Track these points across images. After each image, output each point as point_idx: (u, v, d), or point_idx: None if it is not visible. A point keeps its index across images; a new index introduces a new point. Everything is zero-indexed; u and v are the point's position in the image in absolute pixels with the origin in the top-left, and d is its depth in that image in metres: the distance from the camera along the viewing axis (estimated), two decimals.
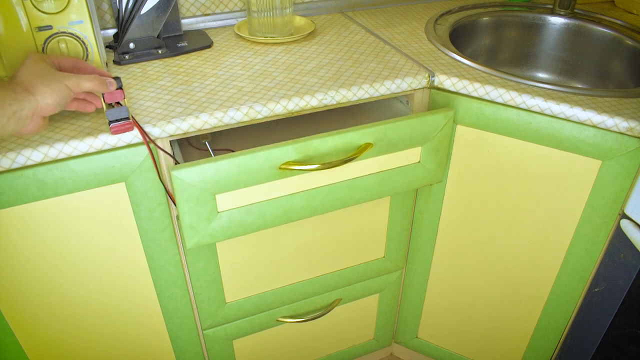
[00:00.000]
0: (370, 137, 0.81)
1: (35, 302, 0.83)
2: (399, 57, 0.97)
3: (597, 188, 0.85)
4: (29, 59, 0.65)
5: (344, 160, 0.79)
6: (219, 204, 0.77)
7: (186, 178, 0.72)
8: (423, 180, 0.91)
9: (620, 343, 0.90)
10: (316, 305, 1.10)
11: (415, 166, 0.88)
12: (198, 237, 0.78)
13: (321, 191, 0.83)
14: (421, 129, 0.84)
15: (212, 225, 0.78)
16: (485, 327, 1.14)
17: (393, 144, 0.83)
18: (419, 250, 1.11)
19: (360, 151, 0.80)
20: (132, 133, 0.74)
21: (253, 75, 0.90)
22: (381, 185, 0.87)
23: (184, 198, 0.73)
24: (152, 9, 0.95)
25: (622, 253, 0.84)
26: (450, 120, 0.86)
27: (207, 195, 0.74)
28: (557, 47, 1.21)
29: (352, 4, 1.25)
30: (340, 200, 0.85)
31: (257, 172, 0.76)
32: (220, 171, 0.73)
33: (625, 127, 0.78)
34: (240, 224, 0.80)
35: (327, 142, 0.78)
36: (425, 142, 0.86)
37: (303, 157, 0.77)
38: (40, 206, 0.75)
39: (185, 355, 1.03)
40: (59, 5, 0.77)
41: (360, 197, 0.87)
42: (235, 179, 0.74)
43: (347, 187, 0.84)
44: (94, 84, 0.68)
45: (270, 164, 0.76)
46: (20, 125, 0.61)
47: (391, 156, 0.85)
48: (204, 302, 0.97)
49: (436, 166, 0.90)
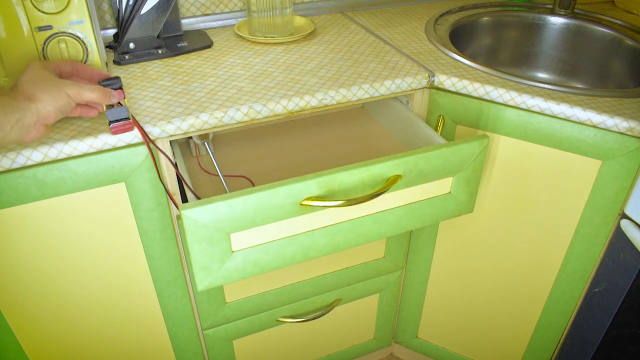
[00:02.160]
0: (400, 168, 0.74)
1: (35, 302, 0.83)
2: (399, 57, 0.97)
3: (597, 188, 0.85)
4: (29, 67, 0.65)
5: (371, 196, 0.72)
6: (233, 243, 0.70)
7: (198, 218, 0.65)
8: (453, 212, 0.84)
9: (620, 343, 0.90)
10: (316, 305, 1.10)
11: (446, 197, 0.82)
12: (210, 279, 0.72)
13: (345, 226, 0.76)
14: (454, 159, 0.77)
15: (226, 266, 0.72)
16: (485, 327, 1.14)
17: (424, 175, 0.77)
18: (419, 250, 1.11)
19: (389, 184, 0.73)
20: (132, 133, 0.74)
21: (253, 75, 0.90)
22: (409, 219, 0.81)
23: (195, 239, 0.67)
24: (152, 9, 0.95)
25: (622, 253, 0.84)
26: (485, 148, 0.79)
27: (220, 234, 0.68)
28: (557, 47, 1.21)
29: (352, 4, 1.25)
30: (365, 235, 0.79)
31: (276, 209, 0.69)
32: (235, 209, 0.66)
33: (625, 127, 0.78)
34: (256, 263, 0.74)
35: (352, 176, 0.71)
36: (458, 172, 0.80)
37: (326, 192, 0.71)
38: (40, 206, 0.75)
39: (185, 355, 1.03)
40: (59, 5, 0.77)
41: (386, 231, 0.80)
42: (252, 217, 0.68)
43: (373, 221, 0.78)
44: (96, 95, 0.67)
45: (290, 200, 0.69)
46: (23, 133, 0.62)
47: (421, 187, 0.79)
48: (204, 302, 0.97)
49: (468, 197, 0.84)
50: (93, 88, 0.67)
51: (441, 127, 0.94)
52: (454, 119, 0.92)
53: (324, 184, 0.70)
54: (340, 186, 0.71)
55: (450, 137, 0.94)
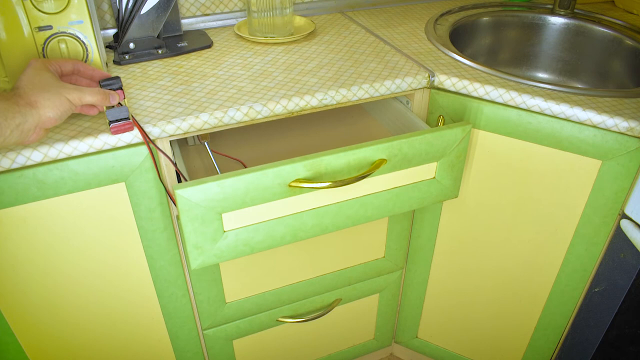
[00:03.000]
0: (385, 152, 0.77)
1: (35, 302, 0.83)
2: (399, 57, 0.97)
3: (597, 188, 0.85)
4: (30, 67, 0.65)
5: (357, 178, 0.75)
6: (225, 223, 0.73)
7: (191, 197, 0.68)
8: (438, 197, 0.87)
9: (620, 343, 0.90)
10: (316, 305, 1.10)
11: (430, 182, 0.85)
12: (203, 258, 0.75)
13: (332, 209, 0.79)
14: (438, 144, 0.80)
15: (218, 245, 0.75)
16: (485, 327, 1.14)
17: (408, 160, 0.80)
18: (419, 250, 1.11)
19: (374, 168, 0.76)
20: (132, 133, 0.74)
21: (253, 75, 0.90)
22: (395, 202, 0.84)
23: (188, 218, 0.70)
24: (152, 9, 0.95)
25: (622, 253, 0.84)
26: (468, 134, 0.82)
27: (212, 214, 0.71)
28: (557, 47, 1.21)
29: (352, 4, 1.25)
30: (352, 218, 0.82)
31: (266, 190, 0.72)
32: (226, 189, 0.70)
33: (625, 127, 0.78)
34: (247, 243, 0.77)
35: (339, 159, 0.74)
36: (442, 157, 0.83)
37: (314, 174, 0.74)
38: (40, 206, 0.75)
39: (185, 355, 1.03)
40: (59, 5, 0.77)
41: (373, 215, 0.83)
42: (242, 197, 0.71)
43: (360, 204, 0.81)
44: (96, 98, 0.68)
45: (279, 182, 0.72)
46: (23, 136, 0.62)
47: (406, 172, 0.82)
48: (204, 302, 0.97)
49: (452, 182, 0.87)
50: (93, 91, 0.68)
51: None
52: (454, 119, 0.92)
53: (311, 167, 0.73)
54: (327, 169, 0.74)
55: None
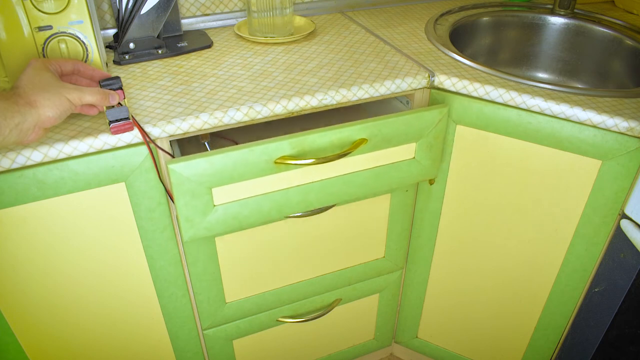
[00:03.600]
0: (365, 132, 0.82)
1: (35, 302, 0.83)
2: (399, 57, 0.97)
3: (597, 188, 0.85)
4: (30, 67, 0.65)
5: (339, 155, 0.80)
6: (215, 197, 0.78)
7: (183, 171, 0.73)
8: (418, 176, 0.92)
9: (620, 343, 0.90)
10: (316, 305, 1.10)
11: (410, 162, 0.89)
12: (194, 230, 0.79)
13: (316, 186, 0.84)
14: (416, 125, 0.85)
15: (209, 219, 0.79)
16: (485, 327, 1.14)
17: (388, 140, 0.84)
18: (419, 250, 1.11)
19: (355, 146, 0.81)
20: (132, 133, 0.74)
21: (253, 75, 0.90)
22: (376, 181, 0.88)
23: (180, 191, 0.75)
24: (152, 9, 0.95)
25: (622, 253, 0.84)
26: (445, 116, 0.86)
27: (203, 188, 0.76)
28: (557, 47, 1.21)
29: (352, 4, 1.25)
30: (336, 195, 0.86)
31: (253, 166, 0.77)
32: (215, 165, 0.74)
33: (625, 127, 0.78)
34: (235, 217, 0.80)
35: (322, 137, 0.79)
36: (420, 138, 0.87)
37: (298, 152, 0.79)
38: (40, 206, 0.75)
39: (185, 355, 1.03)
40: (59, 5, 0.77)
41: (356, 192, 0.87)
42: (230, 172, 0.76)
43: (343, 182, 0.85)
44: (96, 98, 0.68)
45: (265, 158, 0.77)
46: (22, 136, 0.62)
47: (386, 152, 0.86)
48: (204, 302, 0.97)
49: (431, 162, 0.91)
50: (93, 91, 0.68)
51: None
52: (454, 119, 0.92)
53: (296, 144, 0.78)
54: (311, 146, 0.79)
55: (451, 138, 0.94)
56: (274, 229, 0.94)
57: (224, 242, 0.91)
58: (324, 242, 1.01)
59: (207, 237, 0.84)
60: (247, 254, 0.95)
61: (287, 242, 0.97)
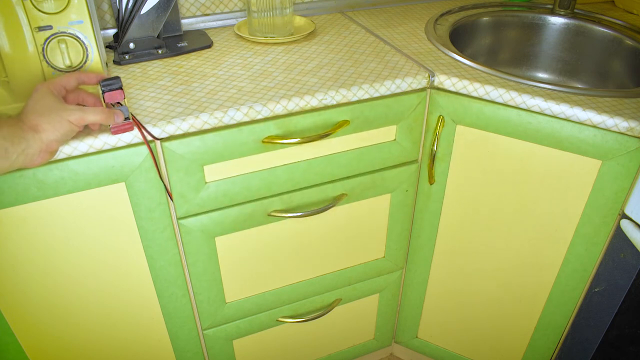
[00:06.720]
0: (347, 114, 0.87)
1: (35, 302, 0.83)
2: (399, 57, 0.97)
3: (597, 188, 0.85)
4: (35, 92, 0.67)
5: (322, 135, 0.85)
6: (206, 174, 0.83)
7: (176, 149, 0.77)
8: (399, 158, 0.96)
9: (620, 343, 0.90)
10: (316, 305, 1.10)
11: (391, 144, 0.94)
12: (187, 206, 0.84)
13: (302, 165, 0.89)
14: (396, 108, 0.90)
15: (201, 195, 0.84)
16: (485, 327, 1.14)
17: (369, 122, 0.89)
18: (419, 250, 1.11)
19: (338, 127, 0.86)
20: (132, 133, 0.74)
21: (253, 75, 0.90)
22: (359, 161, 0.93)
23: (174, 168, 0.79)
24: (152, 9, 0.95)
25: (622, 253, 0.84)
26: (423, 100, 0.91)
27: (195, 165, 0.80)
28: (557, 47, 1.21)
29: (352, 4, 1.25)
30: (320, 174, 0.91)
31: (242, 145, 0.82)
32: (207, 143, 0.79)
33: (625, 127, 0.78)
34: (226, 194, 0.85)
35: (306, 119, 0.84)
36: (400, 121, 0.92)
37: (284, 132, 0.84)
38: (40, 206, 0.75)
39: (185, 355, 1.03)
40: (59, 5, 0.76)
41: (339, 172, 0.93)
42: (221, 150, 0.81)
43: (327, 161, 0.90)
44: (99, 117, 0.69)
45: (253, 138, 0.82)
46: (28, 161, 0.65)
47: (368, 133, 0.91)
48: (204, 302, 0.97)
49: (411, 144, 0.96)
50: (96, 110, 0.68)
51: (441, 127, 0.94)
52: (454, 119, 0.92)
53: (282, 125, 0.83)
54: (296, 127, 0.84)
55: (451, 138, 0.94)
56: (274, 229, 0.94)
57: (224, 242, 0.91)
58: (324, 242, 1.01)
59: (200, 213, 0.86)
60: (247, 254, 0.95)
61: (287, 242, 0.97)
